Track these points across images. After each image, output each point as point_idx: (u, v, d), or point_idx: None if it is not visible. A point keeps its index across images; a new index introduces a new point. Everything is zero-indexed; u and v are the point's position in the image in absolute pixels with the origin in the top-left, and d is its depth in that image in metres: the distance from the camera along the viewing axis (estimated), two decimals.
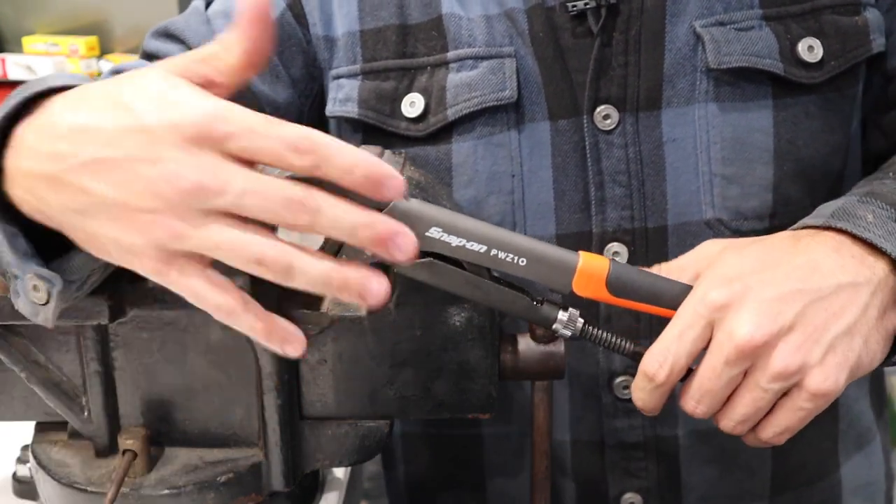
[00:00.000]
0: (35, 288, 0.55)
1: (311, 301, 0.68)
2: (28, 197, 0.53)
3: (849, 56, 0.78)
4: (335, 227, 0.48)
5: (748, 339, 0.57)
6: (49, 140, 0.51)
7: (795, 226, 0.67)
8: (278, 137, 0.47)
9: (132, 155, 0.48)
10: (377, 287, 0.49)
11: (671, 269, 0.64)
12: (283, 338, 0.52)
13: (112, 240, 0.51)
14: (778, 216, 0.79)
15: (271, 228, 0.50)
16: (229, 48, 0.50)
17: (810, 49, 0.77)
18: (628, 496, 0.85)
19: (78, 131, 0.50)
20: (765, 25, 0.77)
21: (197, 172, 0.47)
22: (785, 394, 0.60)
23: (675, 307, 0.61)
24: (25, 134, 0.53)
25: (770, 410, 0.61)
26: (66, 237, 0.55)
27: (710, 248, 0.65)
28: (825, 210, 0.67)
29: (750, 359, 0.58)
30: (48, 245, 0.56)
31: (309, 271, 0.49)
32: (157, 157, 0.47)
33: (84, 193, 0.50)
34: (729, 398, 0.61)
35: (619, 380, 0.82)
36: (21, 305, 0.58)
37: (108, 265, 0.57)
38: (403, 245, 0.49)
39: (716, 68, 0.76)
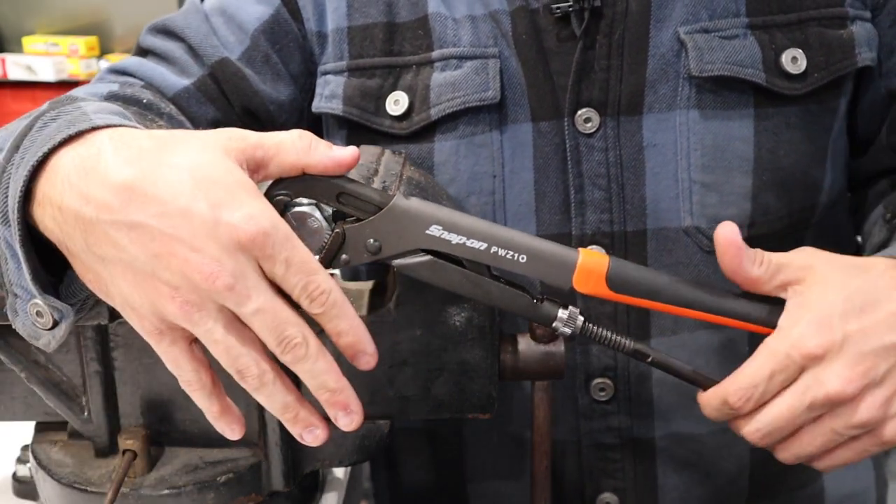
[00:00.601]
0: (39, 314, 0.56)
1: None
2: (54, 228, 0.54)
3: (832, 69, 0.78)
4: (309, 377, 0.54)
5: (839, 392, 0.58)
6: (97, 186, 0.51)
7: (892, 251, 0.68)
8: (305, 281, 0.52)
9: (179, 236, 0.50)
10: (316, 435, 0.56)
11: (770, 265, 0.62)
12: (228, 423, 0.57)
13: (121, 293, 0.53)
14: (756, 225, 0.79)
15: None
16: (298, 156, 0.55)
17: (794, 60, 0.76)
18: (604, 496, 0.85)
19: (131, 191, 0.51)
20: (750, 34, 0.77)
21: (232, 276, 0.50)
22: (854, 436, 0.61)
23: (673, 303, 0.61)
24: (66, 166, 0.53)
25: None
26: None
27: (810, 260, 0.63)
28: None
29: (833, 407, 0.59)
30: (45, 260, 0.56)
31: (274, 396, 0.55)
32: (202, 247, 0.50)
33: (115, 247, 0.51)
34: (795, 432, 0.62)
35: (595, 382, 0.82)
36: (20, 326, 0.58)
37: None
38: (349, 419, 0.56)
39: (697, 76, 0.76)
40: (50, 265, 0.56)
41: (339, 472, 0.83)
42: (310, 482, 0.77)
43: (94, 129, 0.54)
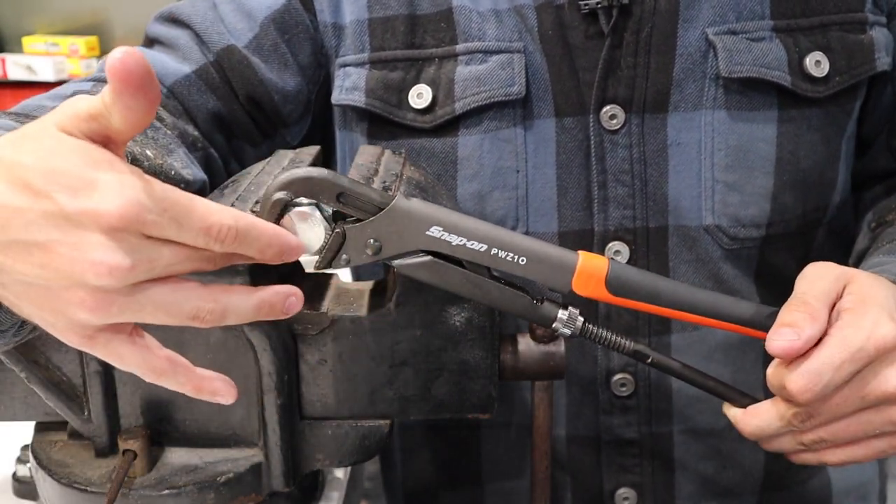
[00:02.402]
0: None
1: (311, 301, 0.68)
2: None
3: (853, 73, 0.79)
4: (252, 244, 0.50)
5: None
6: None
7: (872, 264, 0.69)
8: (200, 230, 0.47)
9: (53, 239, 0.46)
10: (294, 301, 0.52)
11: (815, 301, 0.61)
12: (213, 391, 0.53)
13: (35, 314, 0.50)
14: (774, 225, 0.80)
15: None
16: (109, 109, 0.47)
17: (817, 64, 0.77)
18: (622, 491, 0.85)
19: None
20: (775, 37, 0.77)
21: (119, 257, 0.46)
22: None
23: (673, 307, 0.61)
24: None
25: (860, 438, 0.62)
26: None
27: (836, 282, 0.63)
28: None
29: (890, 404, 0.60)
30: None
31: (241, 309, 0.51)
32: (79, 241, 0.46)
33: (4, 272, 0.48)
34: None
35: (616, 377, 0.82)
36: None
37: None
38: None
39: (726, 76, 0.76)
40: None
41: (339, 472, 0.83)
42: (310, 482, 0.77)
43: None
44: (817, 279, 0.62)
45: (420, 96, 0.79)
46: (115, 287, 0.47)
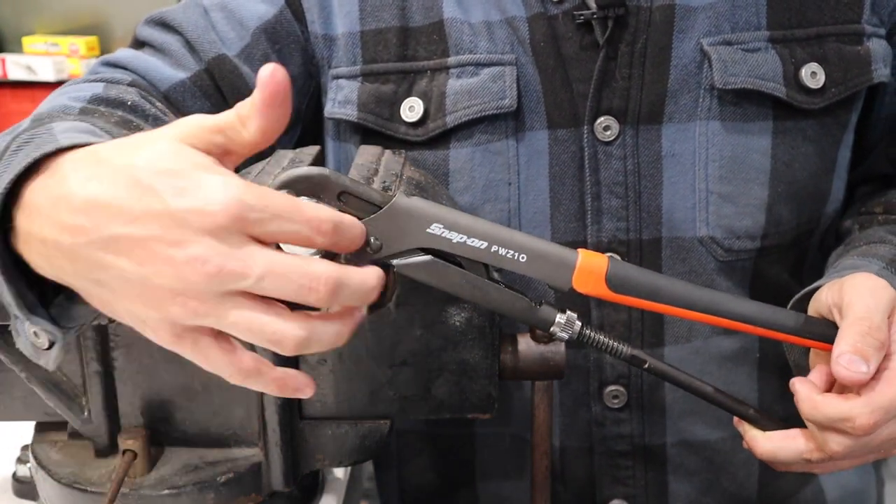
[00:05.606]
0: (36, 334, 0.55)
1: None
2: (43, 263, 0.52)
3: (849, 84, 0.78)
4: (350, 300, 0.51)
5: None
6: (66, 212, 0.49)
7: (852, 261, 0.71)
8: (304, 222, 0.49)
9: (155, 235, 0.47)
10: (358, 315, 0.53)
11: (883, 326, 0.62)
12: (295, 388, 0.53)
13: (127, 310, 0.51)
14: (768, 236, 0.80)
15: None
16: (245, 122, 0.49)
17: (813, 75, 0.77)
18: (616, 502, 0.85)
19: (97, 206, 0.48)
20: (771, 48, 0.77)
21: (220, 258, 0.47)
22: None
23: (673, 304, 0.61)
24: (37, 198, 0.51)
25: None
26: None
27: (891, 303, 0.64)
28: None
29: None
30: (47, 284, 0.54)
31: (324, 338, 0.51)
32: (182, 239, 0.47)
33: (102, 268, 0.49)
34: None
35: (608, 389, 0.82)
36: (22, 347, 0.57)
37: None
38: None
39: (721, 87, 0.76)
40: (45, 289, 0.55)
41: (339, 472, 0.83)
42: (310, 482, 0.77)
43: (58, 151, 0.52)
44: (877, 298, 0.63)
45: (412, 109, 0.79)
46: (207, 289, 0.47)
